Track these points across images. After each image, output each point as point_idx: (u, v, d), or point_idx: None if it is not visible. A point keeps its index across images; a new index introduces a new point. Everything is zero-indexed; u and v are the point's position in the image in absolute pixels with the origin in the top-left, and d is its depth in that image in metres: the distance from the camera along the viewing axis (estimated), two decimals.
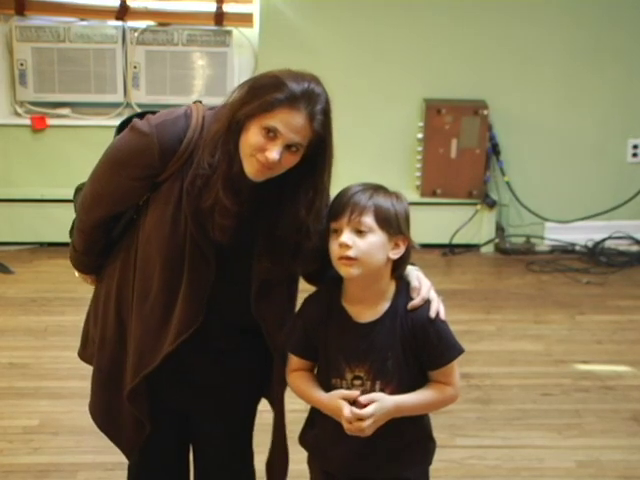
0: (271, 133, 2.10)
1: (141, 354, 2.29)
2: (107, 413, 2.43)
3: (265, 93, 2.11)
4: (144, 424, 2.36)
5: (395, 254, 2.22)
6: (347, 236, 2.18)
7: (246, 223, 2.22)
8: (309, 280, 2.39)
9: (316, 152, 2.18)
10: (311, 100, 2.12)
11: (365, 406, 2.20)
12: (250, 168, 2.15)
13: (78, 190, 2.45)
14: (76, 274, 2.53)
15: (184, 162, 2.20)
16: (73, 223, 2.47)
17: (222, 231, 2.19)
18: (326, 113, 2.16)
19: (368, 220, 2.18)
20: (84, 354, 2.55)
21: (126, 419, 2.38)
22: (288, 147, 2.12)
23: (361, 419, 2.18)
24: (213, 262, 2.23)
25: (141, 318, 2.28)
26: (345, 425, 2.21)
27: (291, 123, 2.10)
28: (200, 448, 2.53)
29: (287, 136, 2.10)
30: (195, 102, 2.30)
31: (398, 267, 2.26)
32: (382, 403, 2.20)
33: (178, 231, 2.22)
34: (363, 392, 2.23)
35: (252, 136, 2.13)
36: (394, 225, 2.20)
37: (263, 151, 2.11)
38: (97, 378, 2.44)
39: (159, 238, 2.24)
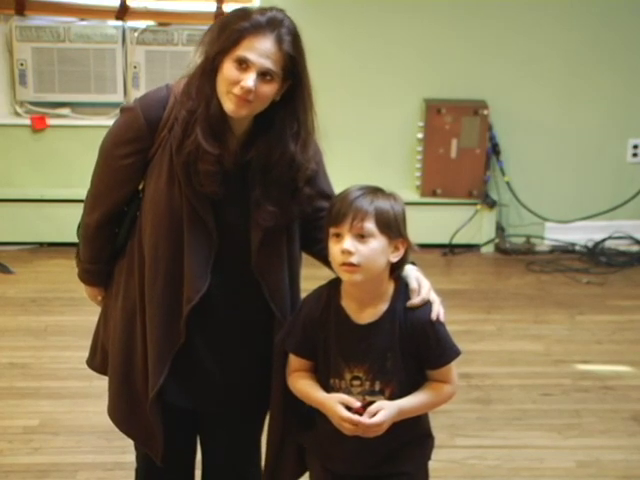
0: (243, 64, 2.15)
1: (165, 337, 2.28)
2: (129, 416, 2.42)
3: (231, 25, 2.17)
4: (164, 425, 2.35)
5: (395, 257, 2.23)
6: (349, 243, 2.17)
7: (237, 179, 2.25)
8: (308, 246, 2.38)
9: (293, 85, 2.22)
10: (275, 24, 2.17)
11: (364, 409, 2.20)
12: (229, 104, 2.18)
13: (80, 226, 2.48)
14: (85, 293, 2.54)
15: (170, 128, 2.24)
16: (78, 247, 2.49)
17: (209, 179, 2.21)
18: (294, 34, 2.20)
19: (370, 225, 2.18)
20: (92, 363, 2.56)
21: (147, 420, 2.37)
22: (263, 76, 2.16)
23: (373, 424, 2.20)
24: (212, 220, 2.24)
25: (155, 302, 2.28)
26: (344, 425, 2.22)
27: (260, 49, 2.15)
28: (208, 448, 2.54)
29: (258, 63, 2.15)
30: None
31: (397, 268, 2.26)
32: (388, 410, 2.21)
33: (174, 199, 2.24)
34: (362, 392, 2.25)
35: (226, 71, 2.17)
36: (394, 229, 2.21)
37: (238, 83, 2.15)
38: (113, 383, 2.44)
39: (157, 211, 2.26)
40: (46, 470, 3.31)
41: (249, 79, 2.14)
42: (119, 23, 5.19)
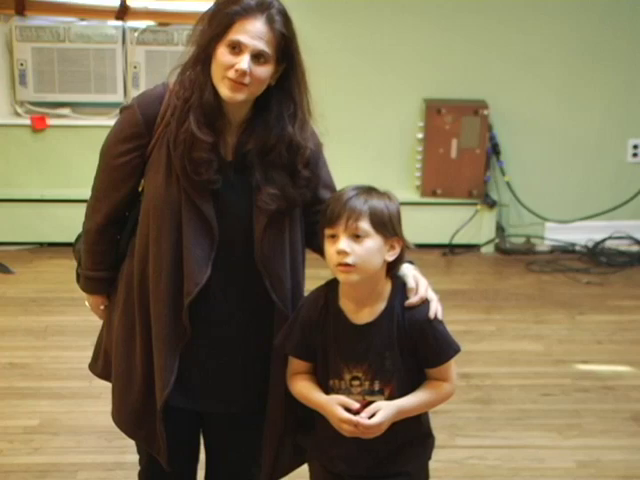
0: (236, 48, 2.18)
1: (172, 333, 2.28)
2: (133, 419, 2.41)
3: (222, 11, 2.20)
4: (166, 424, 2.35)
5: (391, 256, 2.23)
6: (345, 243, 2.18)
7: (238, 168, 2.26)
8: (308, 241, 2.37)
9: (287, 67, 2.24)
10: (265, 6, 2.19)
11: (362, 410, 2.21)
12: (225, 90, 2.20)
13: (79, 238, 2.48)
14: (86, 304, 2.53)
15: (167, 123, 2.25)
16: (79, 261, 2.48)
17: (205, 167, 2.22)
18: (284, 14, 2.22)
19: (364, 225, 2.18)
20: (94, 367, 2.56)
21: (151, 422, 2.36)
22: (256, 58, 2.18)
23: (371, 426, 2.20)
24: (211, 211, 2.24)
25: (161, 299, 2.28)
26: (343, 427, 2.22)
27: (252, 31, 2.17)
28: (210, 448, 2.54)
29: (251, 45, 2.17)
30: None
31: (393, 267, 2.27)
32: (387, 410, 2.21)
33: (172, 192, 2.25)
34: (362, 392, 2.25)
35: (220, 57, 2.19)
36: (389, 228, 2.21)
37: (232, 67, 2.17)
38: (116, 386, 2.44)
39: (157, 206, 2.26)
40: (46, 470, 3.31)
41: (243, 61, 2.16)
42: (119, 23, 5.19)
